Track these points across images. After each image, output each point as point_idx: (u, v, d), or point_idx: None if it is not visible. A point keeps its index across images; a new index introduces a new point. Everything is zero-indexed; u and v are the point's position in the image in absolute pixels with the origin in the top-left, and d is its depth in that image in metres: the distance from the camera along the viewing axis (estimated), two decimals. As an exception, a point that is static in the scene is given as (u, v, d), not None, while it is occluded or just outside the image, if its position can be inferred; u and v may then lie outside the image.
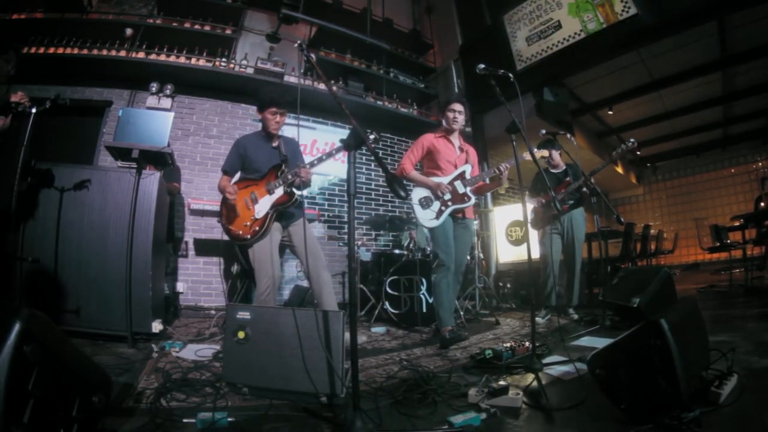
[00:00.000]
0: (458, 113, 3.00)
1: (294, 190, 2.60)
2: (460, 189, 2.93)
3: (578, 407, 1.55)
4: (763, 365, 1.86)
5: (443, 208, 2.90)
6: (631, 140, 3.51)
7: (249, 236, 2.57)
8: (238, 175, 2.80)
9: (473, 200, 2.98)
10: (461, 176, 2.97)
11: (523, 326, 3.59)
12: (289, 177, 2.57)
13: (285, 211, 2.66)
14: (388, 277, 3.87)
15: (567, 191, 3.67)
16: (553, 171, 3.95)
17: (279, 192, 2.61)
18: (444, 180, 2.94)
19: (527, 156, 2.81)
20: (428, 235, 4.30)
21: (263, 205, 2.60)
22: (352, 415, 1.32)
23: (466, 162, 3.07)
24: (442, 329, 2.82)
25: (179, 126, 4.74)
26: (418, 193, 2.97)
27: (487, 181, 3.07)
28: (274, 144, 2.77)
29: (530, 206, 3.92)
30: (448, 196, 2.92)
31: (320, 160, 2.60)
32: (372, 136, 2.57)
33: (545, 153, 3.21)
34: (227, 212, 2.66)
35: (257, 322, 1.76)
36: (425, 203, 2.93)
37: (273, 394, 1.70)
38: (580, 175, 3.62)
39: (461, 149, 3.11)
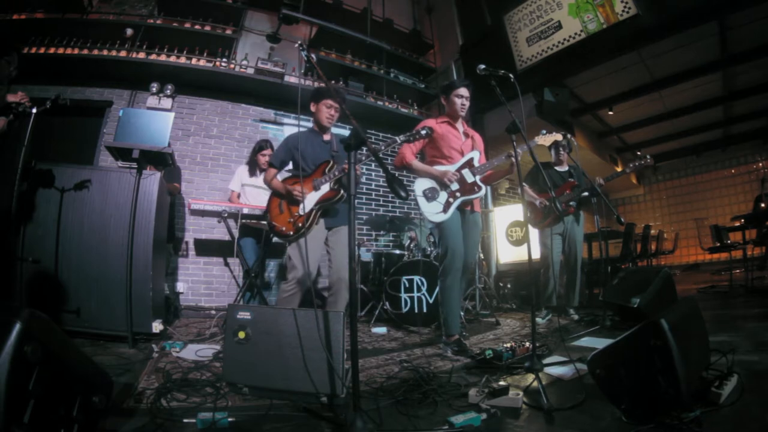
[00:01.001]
0: (466, 99, 2.79)
1: (339, 187, 2.53)
2: (469, 178, 2.68)
3: (578, 407, 1.55)
4: (763, 365, 1.86)
5: (451, 199, 2.65)
6: (648, 157, 3.52)
7: (291, 233, 2.51)
8: (289, 168, 2.77)
9: (483, 190, 2.71)
10: (469, 164, 2.71)
11: (523, 326, 3.59)
12: (336, 173, 2.49)
13: (331, 208, 2.58)
14: (389, 277, 3.87)
15: (573, 194, 3.66)
16: (557, 169, 3.94)
17: (325, 188, 2.53)
18: (450, 168, 2.70)
19: (539, 140, 2.70)
20: (432, 232, 4.27)
21: (308, 202, 2.52)
22: (353, 415, 1.32)
23: (473, 148, 2.82)
24: (448, 337, 2.63)
25: (179, 126, 4.75)
26: (421, 185, 2.71)
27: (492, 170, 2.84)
28: (326, 138, 2.73)
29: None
30: (455, 186, 2.66)
31: (366, 156, 2.61)
32: (424, 132, 2.48)
33: (558, 137, 3.00)
34: (273, 208, 2.64)
35: (257, 323, 1.76)
36: (430, 195, 2.66)
37: (273, 394, 1.70)
38: (582, 177, 3.62)
39: (466, 134, 2.89)
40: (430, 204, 2.67)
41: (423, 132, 2.45)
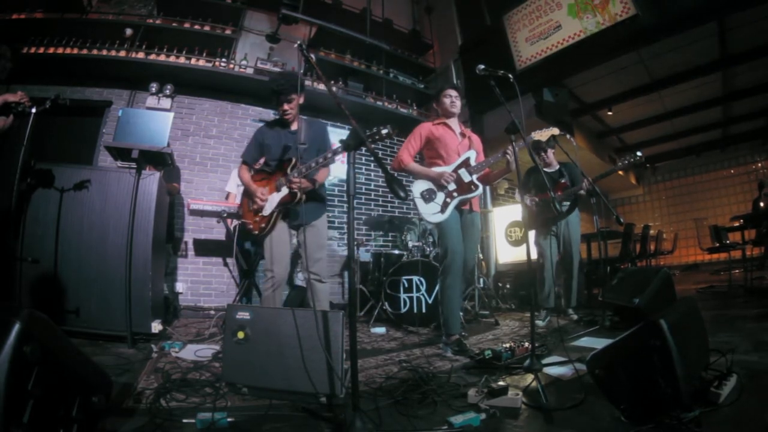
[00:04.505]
0: (455, 97, 2.84)
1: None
2: (466, 178, 2.69)
3: (578, 407, 1.55)
4: (762, 365, 1.86)
5: (448, 200, 2.67)
6: (639, 154, 3.48)
7: (257, 231, 2.56)
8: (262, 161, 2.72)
9: (480, 189, 2.71)
10: (466, 163, 2.73)
11: (522, 327, 3.59)
12: (295, 175, 2.44)
13: (292, 210, 2.56)
14: (388, 277, 3.87)
15: (565, 194, 3.63)
16: (546, 170, 3.91)
17: (285, 190, 2.51)
18: (447, 169, 2.72)
19: (535, 135, 2.65)
20: (432, 232, 4.28)
21: (270, 203, 2.53)
22: (352, 415, 1.32)
23: (470, 148, 2.83)
24: (448, 336, 2.64)
25: (179, 126, 4.74)
26: (419, 186, 2.74)
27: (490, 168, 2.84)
28: (293, 128, 2.63)
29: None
30: (452, 186, 2.68)
31: (317, 163, 2.37)
32: (385, 131, 2.43)
33: (555, 131, 2.97)
34: (245, 204, 2.66)
35: (257, 323, 1.76)
36: (428, 196, 2.70)
37: (272, 395, 1.70)
38: (579, 176, 3.60)
39: (463, 135, 2.90)
40: (428, 205, 2.70)
41: (384, 132, 2.32)
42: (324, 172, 2.56)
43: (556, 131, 2.82)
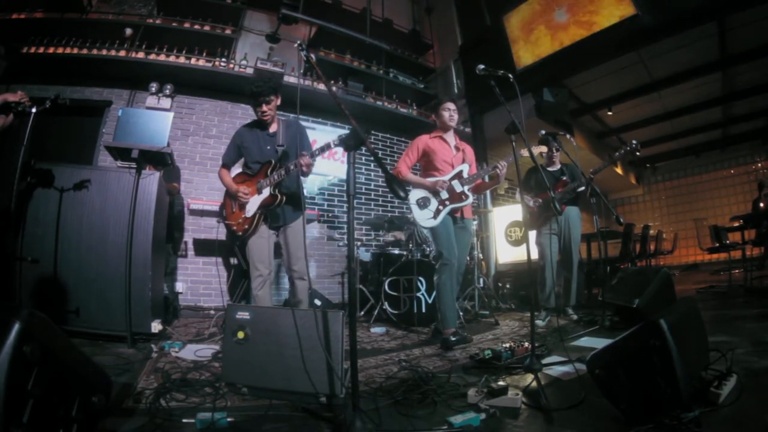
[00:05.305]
0: (453, 111, 3.04)
1: (278, 192, 2.56)
2: (458, 188, 2.92)
3: (578, 407, 1.55)
4: (762, 365, 1.86)
5: (441, 207, 2.89)
6: (634, 142, 3.51)
7: (240, 233, 2.62)
8: (240, 163, 2.77)
9: (471, 199, 2.97)
10: (459, 175, 2.96)
11: (522, 327, 3.59)
12: (276, 177, 2.53)
13: (273, 212, 2.63)
14: (388, 277, 3.87)
15: (565, 191, 3.65)
16: (549, 169, 3.92)
17: (266, 192, 2.58)
18: (441, 180, 2.94)
19: (524, 153, 2.78)
20: (428, 235, 4.30)
21: (252, 205, 2.60)
22: (352, 415, 1.32)
23: (464, 161, 3.06)
24: (444, 330, 2.79)
25: (179, 126, 4.74)
26: (415, 194, 2.96)
27: (486, 179, 3.06)
28: (272, 130, 2.72)
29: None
30: (445, 195, 2.90)
31: (322, 150, 2.43)
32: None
33: (543, 149, 3.15)
34: (227, 206, 2.71)
35: (257, 322, 1.76)
36: (422, 203, 2.92)
37: (272, 394, 1.70)
38: (579, 176, 3.61)
39: (457, 148, 3.10)
40: (422, 211, 2.93)
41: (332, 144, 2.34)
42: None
43: (543, 149, 3.14)
